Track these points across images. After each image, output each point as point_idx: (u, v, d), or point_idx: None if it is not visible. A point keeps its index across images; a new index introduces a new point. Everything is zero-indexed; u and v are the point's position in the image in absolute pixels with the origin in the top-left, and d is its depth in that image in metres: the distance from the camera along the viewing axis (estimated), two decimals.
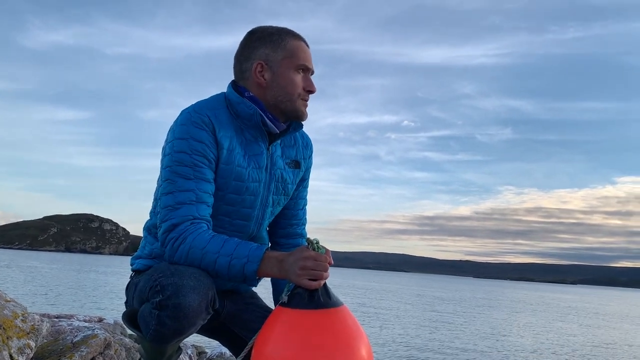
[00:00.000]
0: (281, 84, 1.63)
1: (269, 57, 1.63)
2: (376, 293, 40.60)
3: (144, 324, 1.47)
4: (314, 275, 1.39)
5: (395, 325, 17.50)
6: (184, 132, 1.54)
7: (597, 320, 27.47)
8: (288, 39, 1.65)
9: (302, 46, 1.66)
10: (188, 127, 1.54)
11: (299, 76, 1.64)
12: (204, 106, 1.60)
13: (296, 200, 1.83)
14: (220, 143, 1.57)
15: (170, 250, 1.49)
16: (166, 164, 1.55)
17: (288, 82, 1.63)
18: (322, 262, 1.40)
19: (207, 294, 1.42)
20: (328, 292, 1.41)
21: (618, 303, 59.19)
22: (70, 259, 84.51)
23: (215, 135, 1.56)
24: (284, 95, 1.63)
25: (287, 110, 1.64)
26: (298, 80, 1.64)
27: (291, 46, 1.64)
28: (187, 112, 1.58)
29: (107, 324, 4.12)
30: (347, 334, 1.35)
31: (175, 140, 1.54)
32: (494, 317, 24.22)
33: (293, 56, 1.63)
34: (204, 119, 1.56)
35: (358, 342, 1.36)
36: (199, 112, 1.57)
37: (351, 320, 1.40)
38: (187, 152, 1.53)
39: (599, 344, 16.34)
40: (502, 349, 13.39)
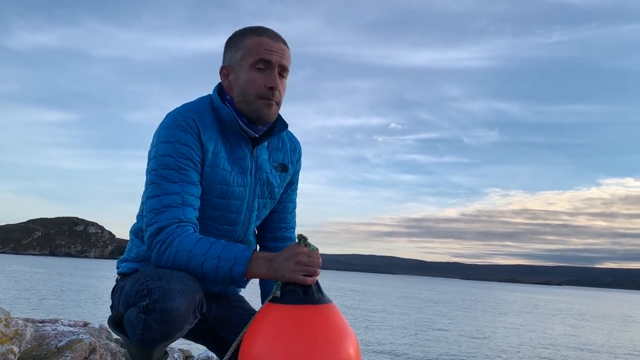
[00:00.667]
0: (240, 85, 1.60)
1: (232, 59, 1.62)
2: (364, 295, 40.65)
3: (131, 328, 1.45)
4: (308, 271, 1.40)
5: (381, 326, 17.52)
6: (169, 135, 1.53)
7: (580, 321, 27.76)
8: (248, 36, 1.60)
9: (262, 41, 1.58)
10: (173, 131, 1.53)
11: (257, 74, 1.57)
12: (189, 109, 1.59)
13: (284, 204, 1.82)
14: (205, 146, 1.56)
15: (157, 253, 1.48)
16: (152, 167, 1.54)
17: (245, 82, 1.58)
18: (315, 258, 1.42)
19: (194, 298, 1.41)
20: (320, 289, 1.44)
21: (602, 304, 59.88)
22: (55, 263, 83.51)
23: (200, 138, 1.55)
24: (242, 96, 1.59)
25: (248, 112, 1.59)
26: (255, 78, 1.57)
27: (249, 43, 1.59)
28: (172, 115, 1.57)
29: (93, 328, 4.08)
30: (340, 330, 1.38)
31: (161, 144, 1.53)
32: (480, 319, 24.36)
33: (250, 53, 1.58)
34: (189, 122, 1.55)
35: (350, 338, 1.39)
36: (184, 115, 1.56)
37: (341, 317, 1.43)
38: (173, 155, 1.51)
39: (581, 343, 16.52)
40: (486, 349, 13.48)
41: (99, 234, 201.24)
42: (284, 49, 1.61)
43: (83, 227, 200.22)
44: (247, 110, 1.59)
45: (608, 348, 15.95)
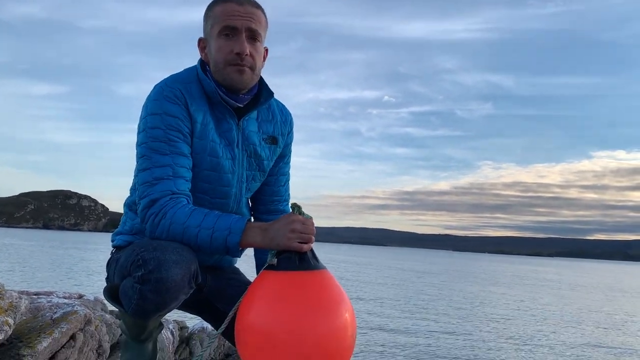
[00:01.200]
0: (212, 54, 1.59)
1: (205, 31, 1.63)
2: (356, 266, 41.08)
3: (126, 299, 1.47)
4: (303, 239, 1.42)
5: (371, 297, 17.77)
6: (156, 107, 1.52)
7: (568, 292, 28.27)
8: (216, 6, 1.59)
9: (227, 8, 1.56)
10: (161, 102, 1.52)
11: (224, 41, 1.56)
12: (175, 80, 1.58)
13: (277, 176, 1.82)
14: (193, 117, 1.55)
15: (151, 226, 1.49)
16: (141, 140, 1.54)
17: (215, 51, 1.58)
18: (310, 225, 1.44)
19: (189, 268, 1.42)
20: (315, 255, 1.47)
21: (590, 275, 60.92)
22: (48, 236, 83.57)
23: (188, 109, 1.54)
24: (214, 65, 1.59)
25: (221, 80, 1.59)
26: (222, 45, 1.56)
27: (216, 12, 1.58)
28: (159, 86, 1.56)
29: (87, 300, 4.11)
30: (336, 294, 1.41)
31: (149, 116, 1.52)
32: (469, 289, 24.75)
33: (216, 22, 1.57)
34: (176, 93, 1.54)
35: (346, 302, 1.43)
36: (171, 86, 1.55)
37: (336, 282, 1.46)
38: (161, 127, 1.51)
39: (567, 312, 16.86)
40: (474, 319, 13.74)
41: (92, 207, 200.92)
42: (252, 12, 1.58)
43: (76, 200, 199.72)
44: (220, 79, 1.59)
45: (593, 315, 16.30)
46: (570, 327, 13.35)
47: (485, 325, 12.64)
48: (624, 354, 10.02)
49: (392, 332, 10.67)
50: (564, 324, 13.95)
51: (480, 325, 12.57)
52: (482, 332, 11.42)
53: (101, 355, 3.11)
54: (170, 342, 4.01)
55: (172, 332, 4.11)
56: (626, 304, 21.94)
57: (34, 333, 2.67)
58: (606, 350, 10.22)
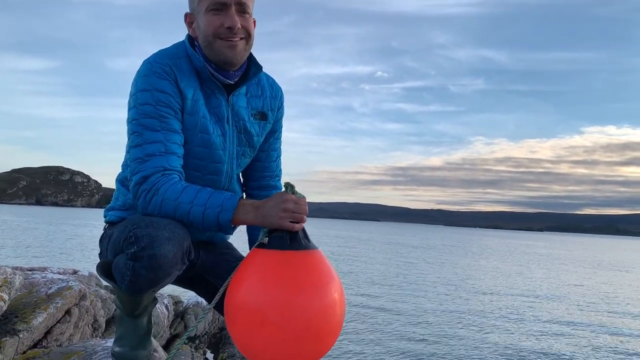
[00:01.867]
0: (201, 30, 1.58)
1: (191, 5, 1.61)
2: (349, 241, 41.39)
3: (119, 275, 1.48)
4: (295, 218, 1.42)
5: (363, 271, 17.96)
6: (146, 83, 1.51)
7: (557, 265, 28.70)
8: None
9: None
10: (150, 78, 1.51)
11: (213, 16, 1.55)
12: (164, 55, 1.57)
13: (268, 152, 1.81)
14: (184, 93, 1.54)
15: (143, 202, 1.49)
16: (132, 117, 1.53)
17: (204, 26, 1.56)
18: (302, 205, 1.44)
19: (182, 245, 1.43)
20: (307, 235, 1.47)
21: (580, 249, 61.74)
22: (41, 212, 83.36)
23: (178, 85, 1.53)
24: (204, 40, 1.57)
25: (212, 56, 1.58)
26: (212, 20, 1.55)
27: None
28: (148, 62, 1.54)
29: (82, 275, 4.13)
30: (326, 274, 1.42)
31: (139, 93, 1.51)
32: (461, 263, 25.05)
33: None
34: (166, 69, 1.53)
35: (335, 282, 1.43)
36: (160, 62, 1.53)
37: (327, 262, 1.47)
38: (152, 103, 1.50)
39: (555, 285, 17.15)
40: (463, 292, 13.95)
41: (85, 183, 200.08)
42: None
43: (69, 176, 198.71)
44: (211, 54, 1.57)
45: (580, 289, 16.58)
46: (556, 301, 13.59)
47: (474, 300, 12.83)
48: (606, 328, 10.23)
49: (382, 309, 10.81)
50: (550, 298, 14.19)
51: (469, 300, 12.76)
52: (470, 307, 11.60)
53: (97, 330, 3.14)
54: (165, 316, 4.06)
55: (167, 307, 4.15)
56: (613, 278, 22.31)
57: (29, 308, 2.69)
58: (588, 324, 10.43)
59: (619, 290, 17.35)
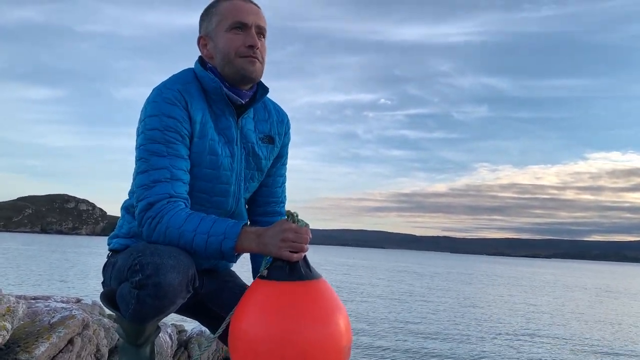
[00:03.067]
0: (219, 49, 1.61)
1: (208, 28, 1.64)
2: (354, 269, 41.05)
3: (123, 304, 1.47)
4: (295, 248, 1.40)
5: (371, 299, 17.76)
6: (155, 109, 1.52)
7: (565, 292, 28.30)
8: (221, 3, 1.63)
9: (235, 5, 1.61)
10: (159, 104, 1.53)
11: (234, 35, 1.59)
12: (174, 81, 1.59)
13: (274, 177, 1.82)
14: (193, 117, 1.56)
15: (148, 229, 1.48)
16: (139, 142, 1.54)
17: (224, 44, 1.60)
18: (303, 234, 1.42)
19: (187, 273, 1.42)
20: (308, 265, 1.44)
21: (588, 276, 60.98)
22: (46, 240, 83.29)
23: (188, 110, 1.55)
24: (223, 58, 1.60)
25: (232, 73, 1.61)
26: (233, 38, 1.59)
27: (222, 9, 1.61)
28: (158, 88, 1.57)
29: (85, 304, 4.10)
30: (327, 305, 1.38)
31: (147, 118, 1.53)
32: (467, 291, 24.75)
33: (224, 18, 1.60)
34: (175, 95, 1.54)
35: (338, 313, 1.39)
36: (170, 88, 1.56)
37: (330, 292, 1.43)
38: (160, 129, 1.51)
39: (560, 314, 16.89)
40: (469, 320, 13.74)
41: (90, 211, 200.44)
42: (257, 10, 1.64)
43: (74, 204, 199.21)
44: (231, 71, 1.60)
45: (585, 318, 16.31)
46: (562, 327, 13.37)
47: (479, 327, 12.64)
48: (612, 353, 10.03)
49: (387, 333, 10.67)
50: (556, 325, 13.96)
51: (474, 327, 12.57)
52: (475, 333, 11.43)
53: (99, 359, 3.11)
54: (169, 345, 4.01)
55: (171, 336, 4.11)
56: (619, 306, 21.97)
57: (31, 338, 2.66)
58: (595, 350, 10.23)
59: (627, 318, 17.06)
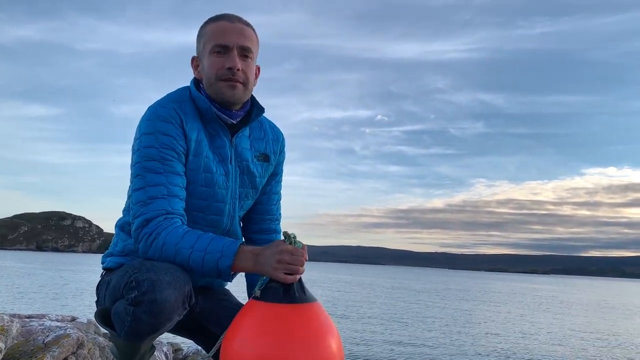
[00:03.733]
0: (205, 71, 1.62)
1: (198, 49, 1.66)
2: (352, 286, 40.85)
3: (119, 321, 1.45)
4: (290, 270, 1.39)
5: (367, 318, 17.64)
6: (150, 126, 1.53)
7: (561, 308, 28.19)
8: (208, 25, 1.64)
9: (219, 26, 1.61)
10: (155, 122, 1.53)
11: (216, 57, 1.60)
12: (170, 100, 1.60)
13: (269, 195, 1.82)
14: (188, 135, 1.56)
15: (145, 245, 1.48)
16: (135, 160, 1.54)
17: (207, 67, 1.61)
18: (299, 256, 1.41)
19: (183, 289, 1.41)
20: (303, 288, 1.42)
21: (586, 292, 60.79)
22: (42, 258, 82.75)
23: (183, 128, 1.56)
24: (207, 81, 1.62)
25: (213, 96, 1.61)
26: (215, 61, 1.59)
27: (208, 30, 1.62)
28: (153, 107, 1.57)
29: (80, 323, 4.05)
30: (319, 329, 1.36)
31: (143, 136, 1.53)
32: (465, 307, 24.63)
33: (208, 40, 1.61)
34: (171, 113, 1.55)
35: (330, 337, 1.37)
36: (165, 106, 1.56)
37: (324, 316, 1.41)
38: (155, 146, 1.51)
39: (557, 330, 16.79)
40: (468, 337, 13.65)
41: (87, 228, 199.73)
42: (243, 30, 1.62)
43: (70, 221, 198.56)
44: (213, 94, 1.61)
45: (584, 335, 16.22)
46: (558, 345, 13.28)
47: (476, 342, 12.55)
48: None
49: (383, 349, 10.57)
50: (552, 342, 13.88)
51: (473, 344, 12.48)
52: (472, 348, 11.34)
53: None
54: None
55: (166, 355, 4.06)
56: (618, 322, 21.87)
57: (25, 357, 2.63)
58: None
59: (624, 334, 16.97)
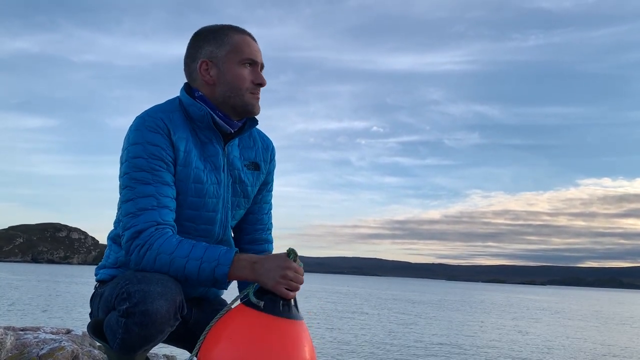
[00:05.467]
0: (228, 80, 1.61)
1: (213, 53, 1.63)
2: (348, 297, 40.67)
3: (111, 333, 1.45)
4: (292, 287, 1.42)
5: (364, 327, 17.56)
6: (138, 137, 1.53)
7: (558, 319, 28.12)
8: (231, 34, 1.64)
9: (246, 40, 1.65)
10: (142, 132, 1.53)
11: (245, 70, 1.62)
12: (157, 110, 1.60)
13: (260, 204, 1.82)
14: (176, 146, 1.56)
15: (137, 257, 1.47)
16: (124, 171, 1.54)
17: (235, 77, 1.61)
18: (301, 275, 1.44)
19: (175, 300, 1.41)
20: (297, 305, 1.46)
21: (585, 303, 60.68)
22: (37, 270, 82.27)
23: (170, 138, 1.55)
24: (231, 91, 1.61)
25: (237, 105, 1.62)
26: (245, 74, 1.62)
27: (235, 41, 1.63)
28: (141, 117, 1.57)
29: (75, 335, 4.03)
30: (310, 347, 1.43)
31: (131, 147, 1.53)
32: (462, 319, 24.55)
33: (238, 50, 1.62)
34: (158, 123, 1.55)
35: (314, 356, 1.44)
36: (153, 116, 1.56)
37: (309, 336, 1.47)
38: (144, 156, 1.51)
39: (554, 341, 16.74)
40: (465, 349, 13.59)
41: (82, 240, 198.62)
42: (260, 49, 1.70)
43: (66, 233, 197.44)
44: (238, 103, 1.62)
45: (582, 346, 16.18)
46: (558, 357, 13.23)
47: (474, 353, 12.49)
48: None
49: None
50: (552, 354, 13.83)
51: (471, 355, 12.42)
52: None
53: None
54: None
55: None
56: (616, 333, 21.83)
57: None
58: None
59: (623, 345, 16.93)
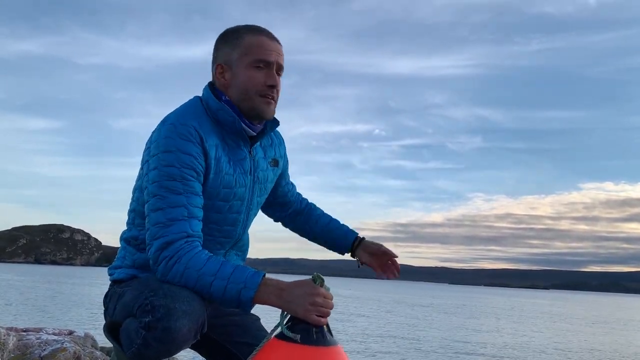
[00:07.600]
0: (238, 83, 1.58)
1: (228, 56, 1.60)
2: (351, 301, 40.62)
3: (127, 340, 1.42)
4: (322, 313, 1.37)
5: (368, 331, 17.53)
6: (170, 144, 1.48)
7: (560, 324, 28.02)
8: (245, 35, 1.60)
9: (260, 40, 1.59)
10: (175, 140, 1.48)
11: (256, 72, 1.57)
12: (187, 115, 1.55)
13: (283, 188, 1.92)
14: (208, 153, 1.52)
15: (164, 268, 1.43)
16: (154, 178, 1.48)
17: (244, 80, 1.57)
18: (330, 300, 1.40)
19: (198, 320, 1.38)
20: (330, 330, 1.42)
21: (585, 307, 60.44)
22: (40, 271, 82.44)
23: (203, 146, 1.51)
24: (241, 94, 1.58)
25: (247, 109, 1.59)
26: (255, 76, 1.57)
27: (247, 42, 1.58)
28: (171, 123, 1.52)
29: (78, 336, 4.02)
30: None
31: (162, 154, 1.48)
32: (466, 322, 24.48)
33: (249, 52, 1.57)
34: (190, 131, 1.50)
35: None
36: (185, 124, 1.51)
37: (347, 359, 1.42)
38: (176, 165, 1.46)
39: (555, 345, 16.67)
40: (467, 351, 13.55)
41: (85, 241, 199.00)
42: (279, 48, 1.62)
43: (69, 234, 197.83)
44: (247, 107, 1.58)
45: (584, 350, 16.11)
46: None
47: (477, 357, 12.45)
48: None
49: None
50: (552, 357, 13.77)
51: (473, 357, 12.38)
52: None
53: None
54: None
55: None
56: (618, 337, 21.73)
57: None
58: None
59: (625, 349, 16.85)
